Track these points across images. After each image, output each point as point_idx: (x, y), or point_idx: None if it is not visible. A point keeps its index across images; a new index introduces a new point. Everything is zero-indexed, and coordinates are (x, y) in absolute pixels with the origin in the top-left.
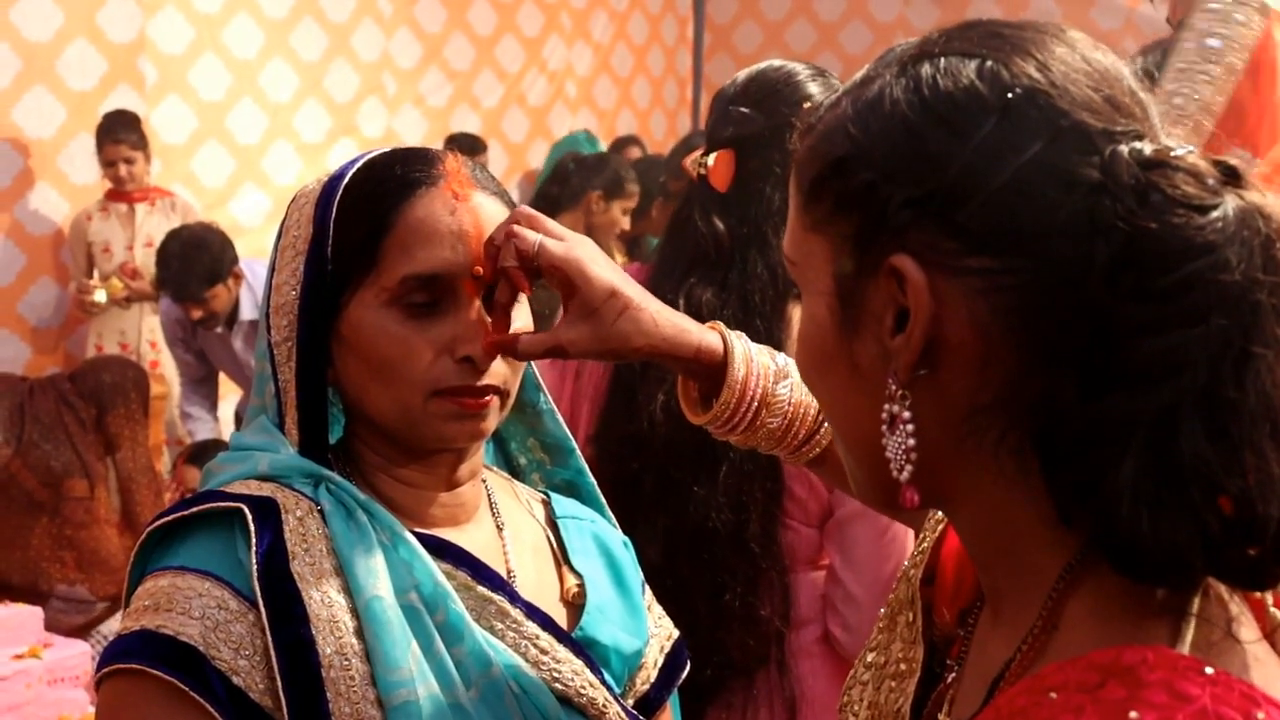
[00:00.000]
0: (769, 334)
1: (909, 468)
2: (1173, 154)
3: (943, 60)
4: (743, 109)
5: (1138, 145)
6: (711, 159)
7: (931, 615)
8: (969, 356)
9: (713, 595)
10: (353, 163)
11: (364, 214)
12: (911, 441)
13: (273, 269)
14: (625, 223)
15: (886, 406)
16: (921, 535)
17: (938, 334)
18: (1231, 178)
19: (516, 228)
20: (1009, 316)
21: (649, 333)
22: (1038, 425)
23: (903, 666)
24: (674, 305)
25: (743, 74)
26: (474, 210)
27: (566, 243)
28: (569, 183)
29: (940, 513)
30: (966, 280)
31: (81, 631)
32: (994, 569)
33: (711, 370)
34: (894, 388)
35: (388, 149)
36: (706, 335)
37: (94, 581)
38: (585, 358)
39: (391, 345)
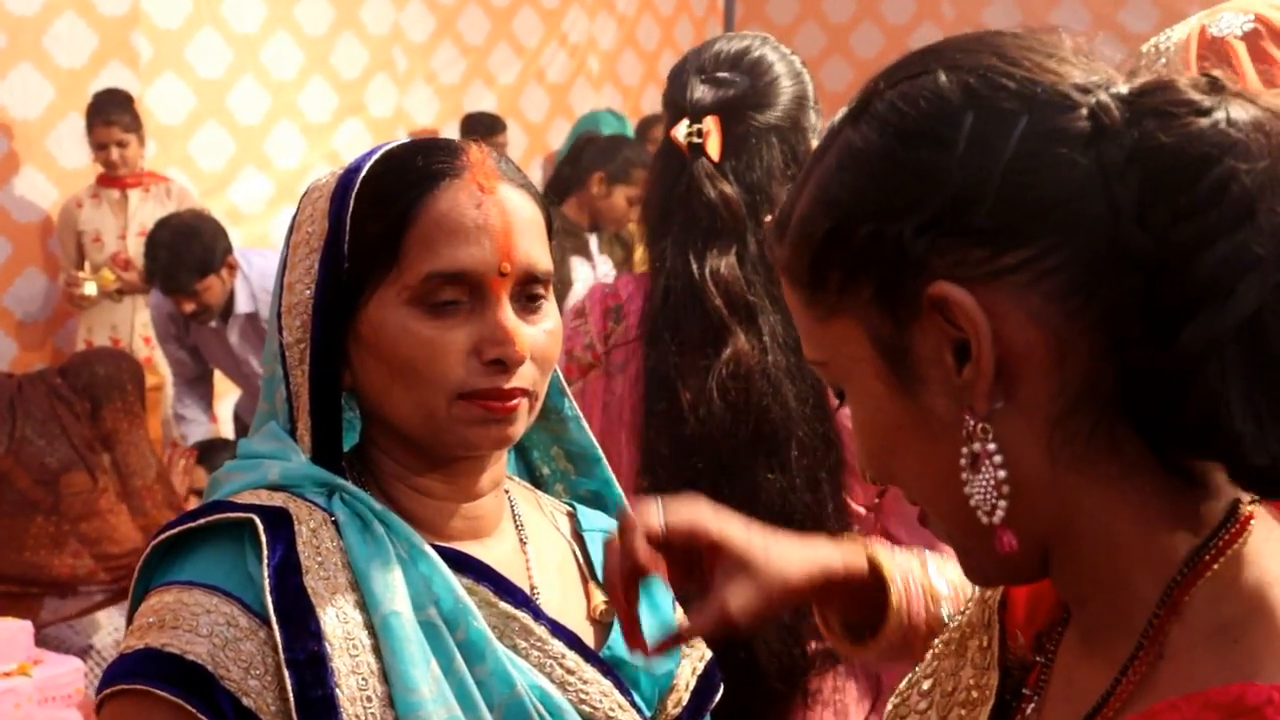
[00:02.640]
0: None
1: (1002, 504)
2: (1147, 83)
3: (890, 93)
4: (720, 74)
5: (1114, 89)
6: (706, 123)
7: (1005, 640)
8: (1042, 359)
9: None
10: (369, 154)
11: (384, 208)
12: (1002, 474)
13: (284, 266)
14: (632, 214)
15: (965, 449)
16: None
17: (1004, 349)
18: (1217, 88)
19: (627, 524)
20: (1065, 299)
21: (798, 559)
22: (1128, 401)
23: (974, 694)
24: (697, 280)
25: (705, 50)
26: (500, 203)
27: (678, 506)
28: (579, 163)
29: None
30: (1009, 280)
31: (78, 617)
32: (1092, 601)
33: (861, 589)
34: (972, 424)
35: (406, 140)
36: (850, 555)
37: (101, 559)
38: (755, 619)
39: (415, 346)
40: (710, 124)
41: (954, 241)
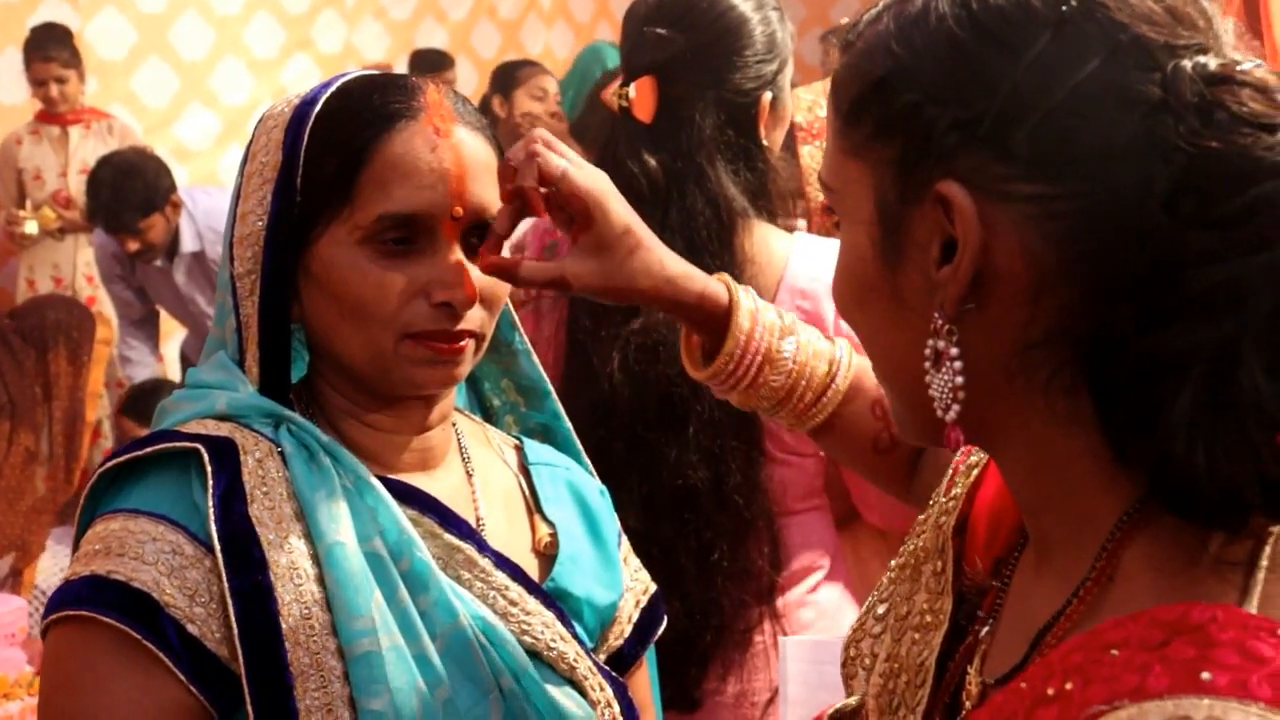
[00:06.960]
0: (722, 270)
1: (956, 407)
2: (1239, 68)
3: None
4: (659, 30)
5: (1201, 60)
6: (632, 89)
7: (961, 565)
8: (1020, 289)
9: (699, 555)
10: (325, 86)
11: (338, 146)
12: (959, 380)
13: (237, 196)
14: (542, 108)
15: (930, 342)
16: (953, 482)
17: (987, 265)
18: None
19: (539, 148)
20: (1063, 246)
21: (655, 274)
22: (1091, 360)
23: (928, 618)
24: None
25: None
26: (455, 147)
27: (588, 171)
28: (488, 101)
29: (974, 459)
30: (1018, 207)
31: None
32: (1044, 515)
33: (715, 321)
34: (940, 322)
35: (362, 73)
36: (711, 283)
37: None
38: (588, 294)
39: (364, 285)
40: (639, 86)
41: (983, 149)
